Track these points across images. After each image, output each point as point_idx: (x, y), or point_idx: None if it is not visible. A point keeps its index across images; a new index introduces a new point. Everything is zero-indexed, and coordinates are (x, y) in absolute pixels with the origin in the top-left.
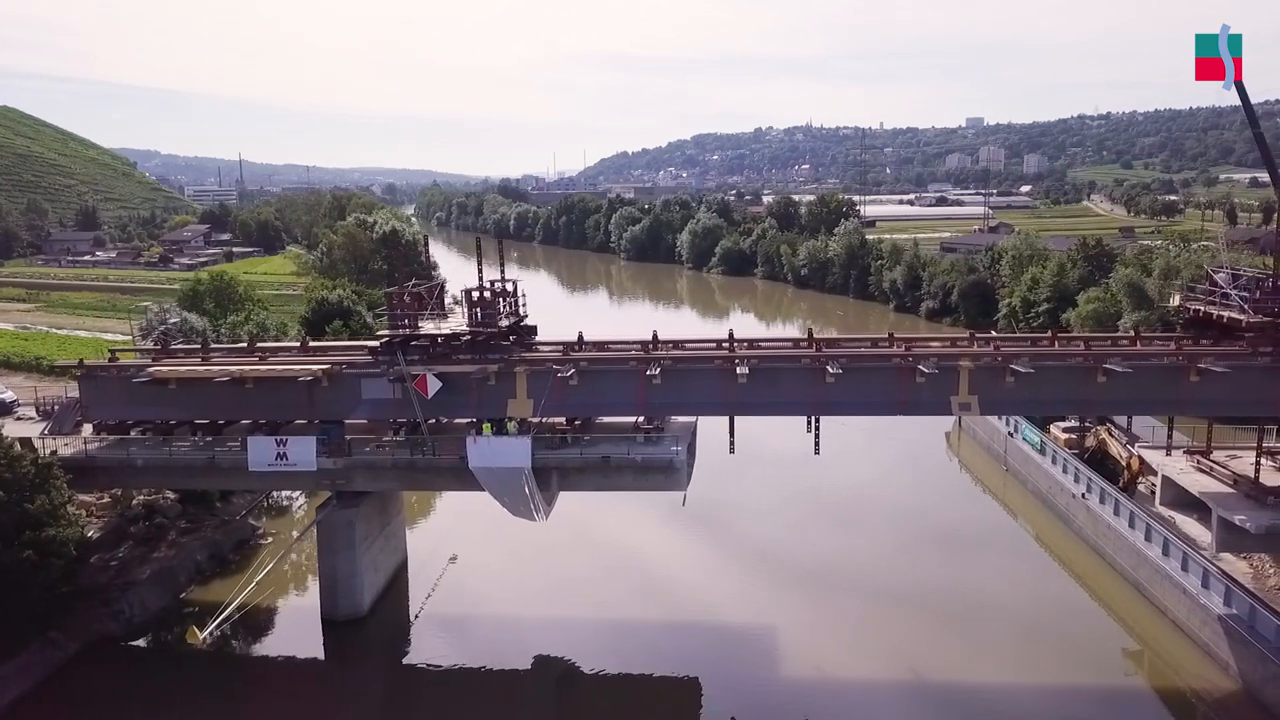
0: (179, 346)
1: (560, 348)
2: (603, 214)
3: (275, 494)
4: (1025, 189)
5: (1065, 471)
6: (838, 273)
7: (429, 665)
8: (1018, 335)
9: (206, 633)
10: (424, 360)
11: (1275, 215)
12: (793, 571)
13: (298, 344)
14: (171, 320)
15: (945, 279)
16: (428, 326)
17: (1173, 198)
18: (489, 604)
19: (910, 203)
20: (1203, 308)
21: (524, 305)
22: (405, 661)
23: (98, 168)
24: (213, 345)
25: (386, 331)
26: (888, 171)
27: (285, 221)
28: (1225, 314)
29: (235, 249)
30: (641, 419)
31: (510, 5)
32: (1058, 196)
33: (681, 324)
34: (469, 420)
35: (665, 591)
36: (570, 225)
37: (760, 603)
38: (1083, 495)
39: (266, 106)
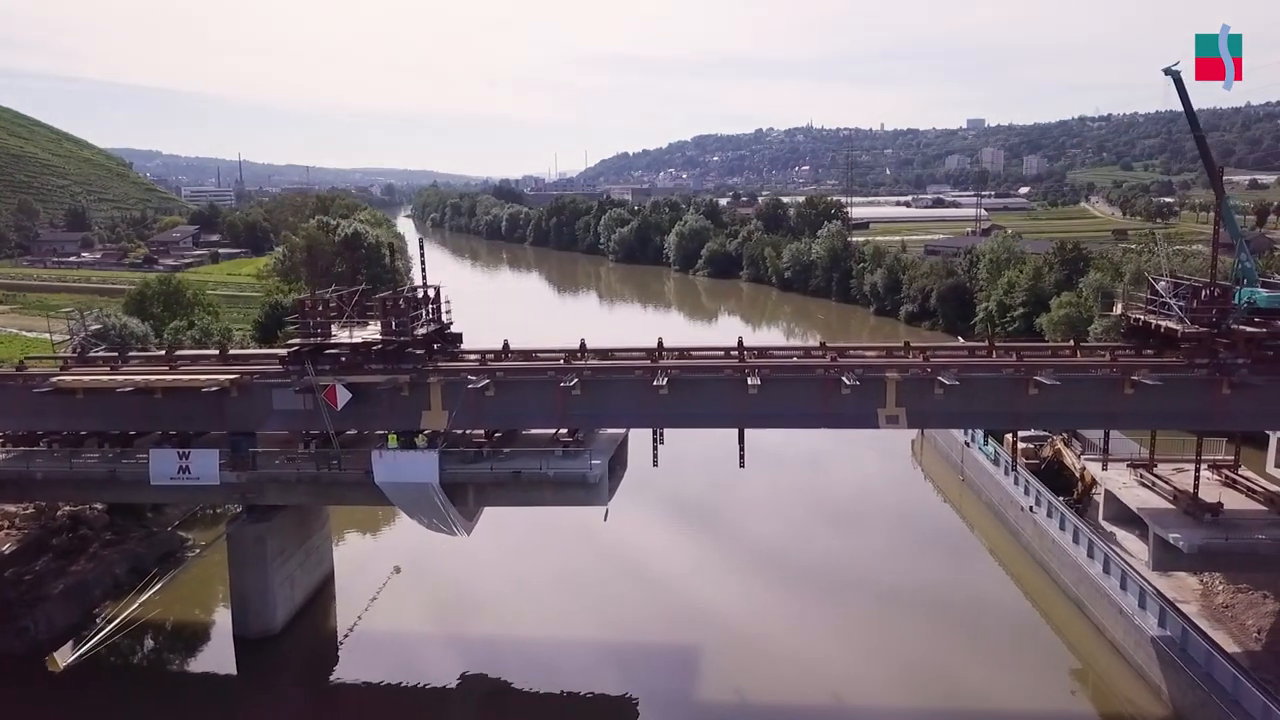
0: (98, 354)
1: (478, 357)
2: (592, 215)
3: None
4: (1024, 190)
5: (1017, 483)
6: (820, 276)
7: (345, 683)
8: (954, 345)
9: (73, 658)
10: (335, 370)
11: (1261, 218)
12: (730, 588)
13: (217, 353)
14: (93, 326)
15: (924, 282)
16: (341, 335)
17: (1168, 200)
18: (421, 619)
19: (907, 204)
20: (1143, 317)
21: (448, 312)
22: (320, 680)
23: (92, 168)
24: (131, 354)
25: (296, 340)
26: (887, 173)
27: (274, 222)
28: (1163, 324)
29: (222, 250)
30: (564, 431)
31: (514, 6)
32: (1055, 198)
33: (661, 328)
34: (383, 433)
35: (606, 608)
36: (560, 227)
37: (697, 622)
38: (1030, 508)
39: (270, 107)
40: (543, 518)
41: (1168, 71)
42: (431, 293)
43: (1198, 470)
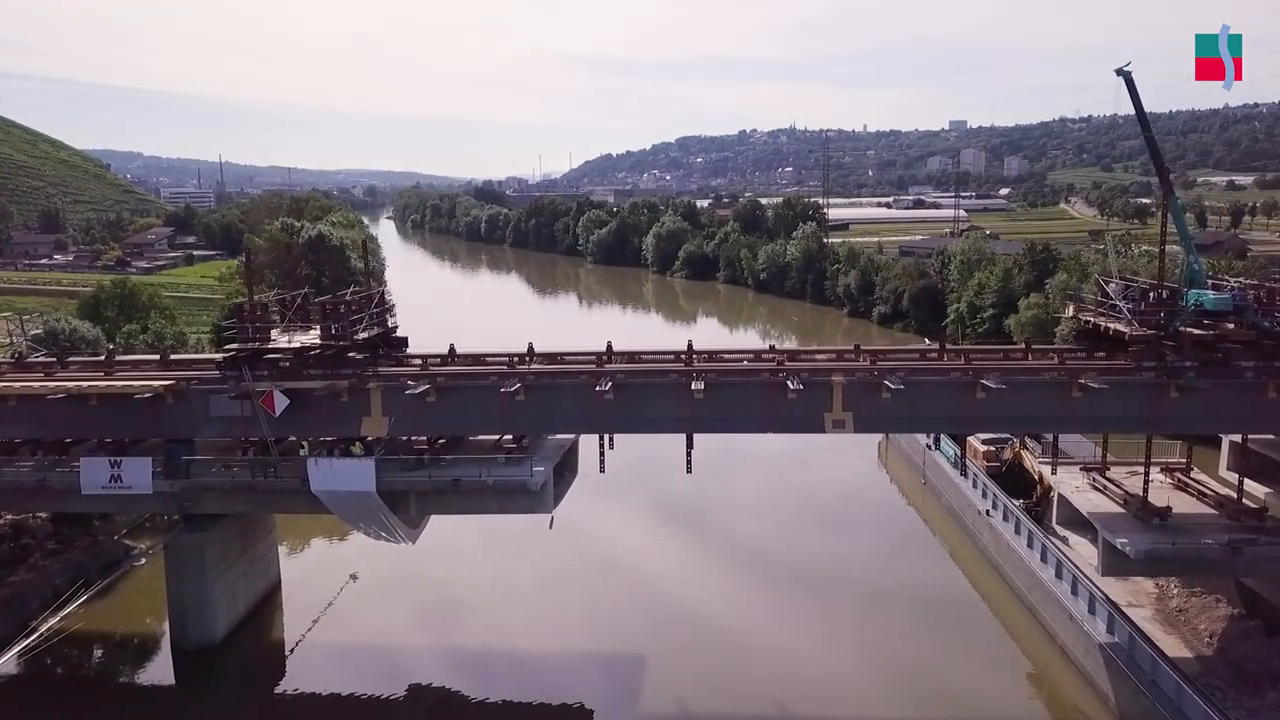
0: (37, 359)
1: (420, 362)
2: (571, 217)
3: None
4: (1004, 192)
5: (975, 486)
6: (795, 277)
7: (289, 694)
8: (904, 348)
9: None
10: (274, 376)
11: (1236, 219)
12: (686, 598)
13: (158, 358)
14: (33, 331)
15: (897, 284)
16: (281, 340)
17: (1145, 200)
18: (372, 628)
19: (888, 206)
20: (1093, 319)
21: (392, 315)
22: (263, 692)
23: (68, 169)
24: (71, 359)
25: (234, 345)
26: (870, 174)
27: (249, 224)
28: (1112, 326)
29: (197, 252)
30: (508, 438)
31: (498, 6)
32: (1036, 199)
33: (639, 330)
34: (328, 439)
35: (560, 616)
36: (540, 228)
37: (650, 629)
38: (987, 512)
39: (252, 108)
40: (498, 524)
41: (1119, 72)
42: (375, 295)
43: (1147, 474)
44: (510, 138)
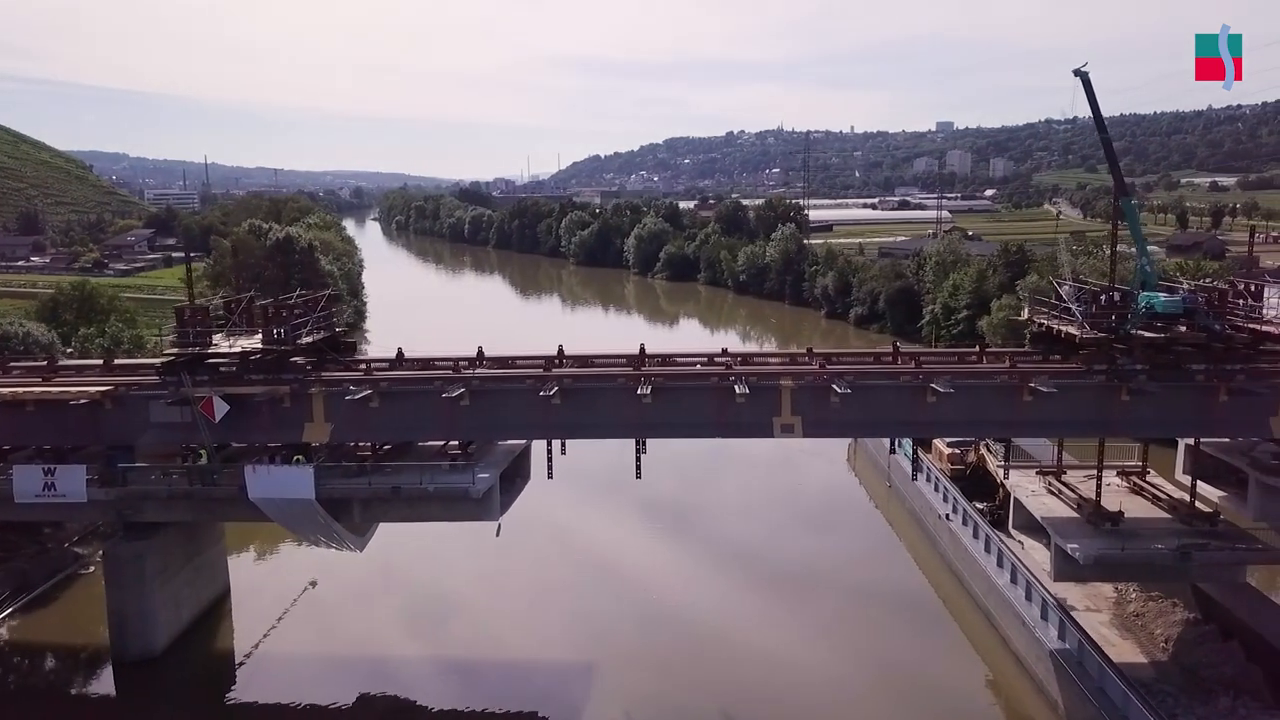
0: None
1: (363, 367)
2: (554, 218)
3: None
4: (989, 193)
5: (937, 490)
6: (774, 279)
7: (233, 705)
8: (857, 351)
9: None
10: (216, 381)
11: (1216, 220)
12: (634, 607)
13: (101, 362)
14: None
15: (873, 285)
16: (222, 344)
17: None
18: (322, 636)
19: (873, 207)
20: (1046, 322)
21: (337, 319)
22: (206, 703)
23: (50, 170)
24: (12, 364)
25: (174, 350)
26: (856, 175)
27: (230, 225)
28: (1064, 329)
29: (175, 254)
30: (454, 444)
31: (486, 8)
32: (1020, 200)
33: (619, 331)
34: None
35: (516, 625)
36: (523, 229)
37: (602, 637)
38: (947, 516)
39: (241, 110)
40: (459, 530)
41: (1076, 73)
42: (320, 299)
43: (1099, 477)
44: (499, 139)
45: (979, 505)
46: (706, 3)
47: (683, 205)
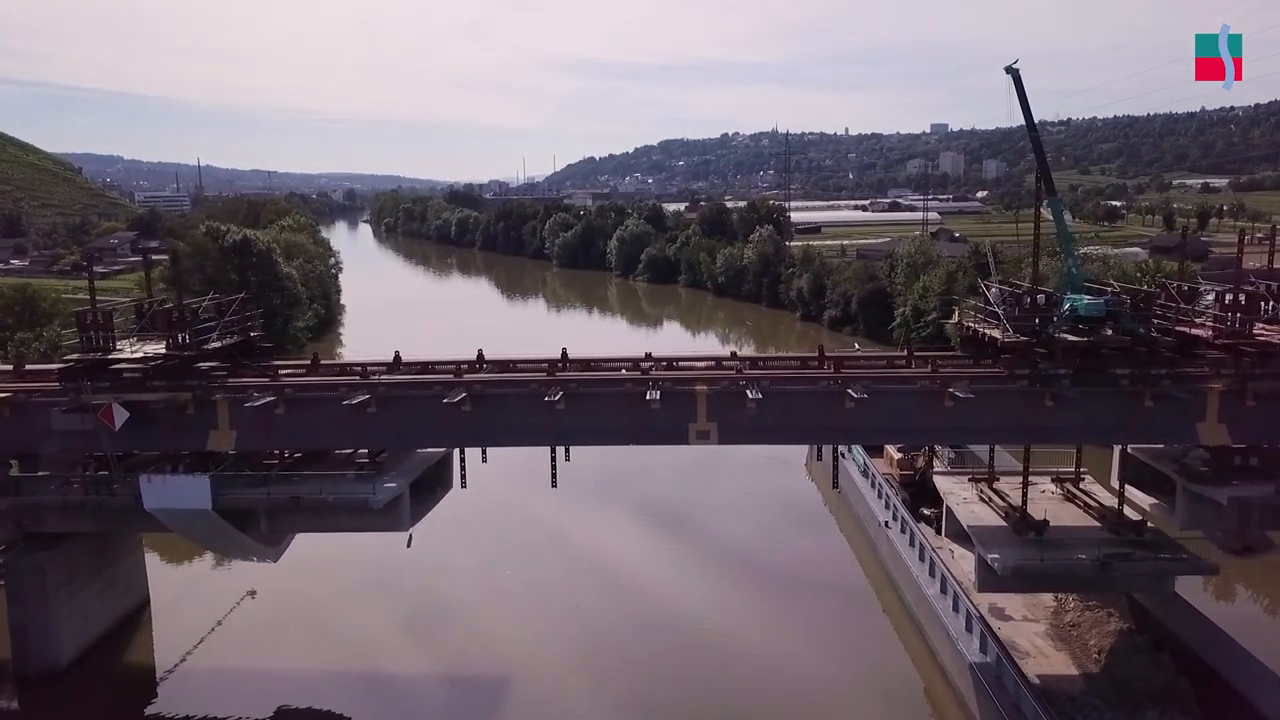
0: None
1: (284, 372)
2: (539, 220)
3: None
4: (981, 194)
5: (879, 497)
6: (752, 281)
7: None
8: (780, 355)
9: None
10: (117, 388)
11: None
12: (586, 624)
13: (10, 367)
14: None
15: (847, 287)
16: (126, 350)
17: (1116, 203)
18: (250, 649)
19: (864, 208)
20: (974, 325)
21: (252, 324)
22: (115, 719)
23: (37, 173)
24: None
25: (74, 356)
26: (850, 176)
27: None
28: (989, 333)
29: (157, 256)
30: (363, 452)
31: (481, 10)
32: (1012, 202)
33: (603, 334)
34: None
35: (455, 642)
36: (508, 231)
37: (553, 661)
38: (886, 523)
39: (235, 112)
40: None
41: (1008, 70)
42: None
43: (1025, 484)
44: (494, 141)
45: (926, 512)
46: (704, 5)
47: (674, 207)
